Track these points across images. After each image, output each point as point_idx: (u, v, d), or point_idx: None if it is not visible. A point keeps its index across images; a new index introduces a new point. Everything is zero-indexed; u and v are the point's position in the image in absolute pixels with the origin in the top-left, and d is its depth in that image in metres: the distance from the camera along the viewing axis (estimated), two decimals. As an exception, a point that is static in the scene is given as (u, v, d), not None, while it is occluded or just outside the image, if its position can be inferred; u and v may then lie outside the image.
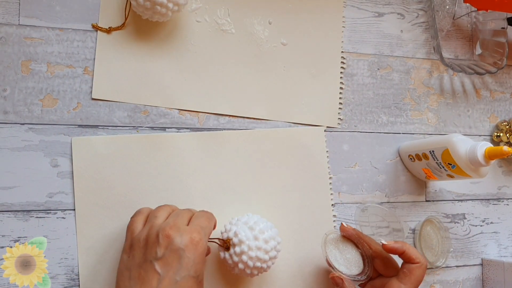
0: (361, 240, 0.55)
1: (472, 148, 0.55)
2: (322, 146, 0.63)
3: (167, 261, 0.43)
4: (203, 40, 0.60)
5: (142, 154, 0.56)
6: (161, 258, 0.43)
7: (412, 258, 0.52)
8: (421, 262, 0.52)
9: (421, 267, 0.52)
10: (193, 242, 0.44)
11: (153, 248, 0.44)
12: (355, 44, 0.66)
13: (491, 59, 0.70)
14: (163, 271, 0.43)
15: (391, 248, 0.53)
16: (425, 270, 0.52)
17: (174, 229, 0.45)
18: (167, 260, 0.43)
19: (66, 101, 0.55)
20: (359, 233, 0.55)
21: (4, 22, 0.54)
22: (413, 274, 0.51)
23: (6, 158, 0.53)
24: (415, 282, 0.51)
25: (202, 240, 0.45)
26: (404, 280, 0.52)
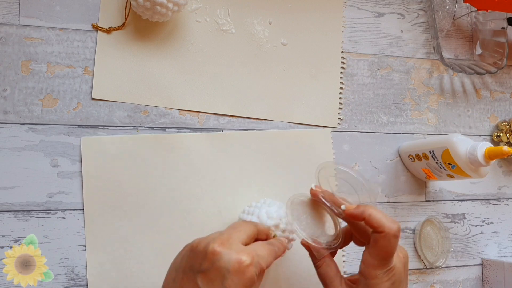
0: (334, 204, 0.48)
1: (472, 148, 0.55)
2: (328, 148, 0.63)
3: (210, 277, 0.39)
4: (203, 40, 0.60)
5: (150, 154, 0.57)
6: (205, 272, 0.40)
7: (374, 227, 0.42)
8: (385, 231, 0.42)
9: (386, 236, 0.42)
10: (241, 265, 0.39)
11: (198, 259, 0.41)
12: (355, 44, 0.66)
13: (491, 59, 0.70)
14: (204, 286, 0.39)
15: (350, 214, 0.44)
16: (393, 240, 0.42)
17: (225, 245, 0.40)
18: (209, 277, 0.40)
19: (66, 101, 0.55)
20: (331, 196, 0.48)
21: (4, 22, 0.54)
22: (378, 244, 0.42)
23: (6, 158, 0.53)
24: (382, 254, 0.42)
25: (251, 266, 0.40)
26: (370, 250, 0.43)
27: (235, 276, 0.39)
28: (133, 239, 0.55)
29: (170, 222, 0.56)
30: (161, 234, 0.56)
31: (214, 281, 0.39)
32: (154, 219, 0.56)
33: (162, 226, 0.56)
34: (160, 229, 0.56)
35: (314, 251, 0.48)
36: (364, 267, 0.43)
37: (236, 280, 0.39)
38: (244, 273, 0.39)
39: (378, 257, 0.43)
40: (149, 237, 0.56)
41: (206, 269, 0.40)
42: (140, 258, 0.55)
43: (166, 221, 0.56)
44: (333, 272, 0.47)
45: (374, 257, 0.43)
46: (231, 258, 0.39)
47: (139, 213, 0.55)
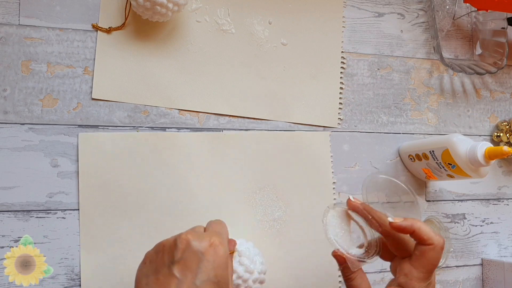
0: (369, 216, 0.48)
1: (472, 148, 0.55)
2: (326, 150, 0.63)
3: (186, 264, 0.41)
4: (203, 40, 0.60)
5: (147, 153, 0.57)
6: (179, 261, 0.41)
7: (423, 239, 0.44)
8: (434, 243, 0.44)
9: (434, 249, 0.44)
10: (213, 245, 0.42)
11: (171, 252, 0.42)
12: (355, 44, 0.66)
13: (491, 59, 0.70)
14: (182, 275, 0.41)
15: (398, 226, 0.45)
16: (440, 252, 0.44)
17: (193, 234, 0.43)
18: (185, 263, 0.41)
19: (66, 101, 0.55)
20: (367, 208, 0.49)
21: (4, 22, 0.54)
22: (425, 257, 0.44)
23: (6, 158, 0.53)
24: (428, 266, 0.44)
25: (222, 244, 0.43)
26: (415, 263, 0.45)
27: (209, 256, 0.41)
28: (130, 238, 0.55)
29: (168, 221, 0.56)
30: (159, 234, 0.56)
31: (191, 265, 0.41)
32: (152, 218, 0.56)
33: (160, 225, 0.56)
34: (158, 229, 0.56)
35: (349, 262, 0.48)
36: (407, 279, 0.45)
37: (211, 260, 0.41)
38: (217, 251, 0.42)
39: (424, 270, 0.44)
40: (146, 237, 0.56)
41: (180, 258, 0.41)
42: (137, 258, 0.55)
43: (164, 220, 0.56)
44: (366, 285, 0.48)
45: (419, 270, 0.44)
46: (202, 242, 0.42)
47: (137, 212, 0.55)
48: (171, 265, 0.41)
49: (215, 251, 0.42)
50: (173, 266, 0.41)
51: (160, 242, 0.45)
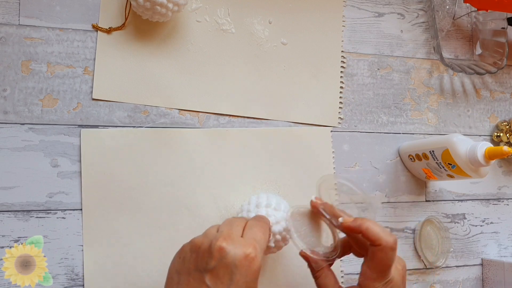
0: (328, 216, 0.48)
1: (472, 148, 0.55)
2: (328, 146, 0.63)
3: (218, 275, 0.40)
4: (203, 40, 0.60)
5: (149, 148, 0.57)
6: (212, 271, 0.40)
7: (371, 240, 0.43)
8: (382, 244, 0.42)
9: (383, 250, 0.42)
10: (248, 258, 0.40)
11: (204, 258, 0.41)
12: (355, 44, 0.66)
13: (491, 59, 0.70)
14: (213, 285, 0.40)
15: (347, 227, 0.45)
16: (390, 253, 0.43)
17: (228, 241, 0.41)
18: (218, 274, 0.40)
19: (66, 101, 0.55)
20: (330, 208, 0.48)
21: (4, 22, 0.54)
22: (375, 257, 0.43)
23: (6, 158, 0.53)
24: (379, 267, 0.43)
25: (257, 257, 0.41)
26: (369, 263, 0.44)
27: (243, 270, 0.40)
28: (131, 234, 0.55)
29: (169, 218, 0.56)
30: (160, 230, 0.56)
31: (223, 277, 0.40)
32: (153, 215, 0.56)
33: (161, 222, 0.56)
34: (159, 225, 0.56)
35: (312, 262, 0.48)
36: (363, 279, 0.44)
37: (244, 273, 0.40)
38: (251, 265, 0.40)
39: (376, 270, 0.43)
40: (147, 233, 0.56)
41: (213, 267, 0.40)
42: (139, 254, 0.55)
43: (165, 217, 0.56)
44: (331, 283, 0.48)
45: (372, 270, 0.43)
46: (237, 253, 0.40)
47: (138, 208, 0.55)
48: (204, 272, 0.41)
49: (249, 265, 0.40)
50: (205, 274, 0.40)
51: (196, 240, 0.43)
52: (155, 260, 0.55)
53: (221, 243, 0.41)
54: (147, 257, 0.55)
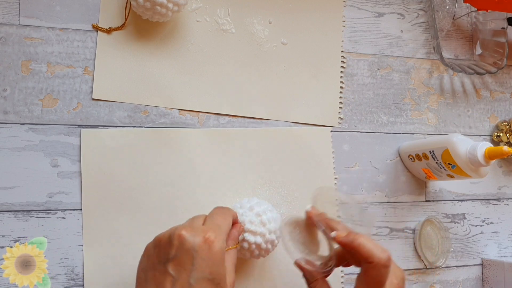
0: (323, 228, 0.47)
1: (472, 148, 0.55)
2: (328, 146, 0.63)
3: (180, 262, 0.40)
4: (203, 40, 0.60)
5: (149, 148, 0.57)
6: (173, 259, 0.41)
7: (363, 257, 0.42)
8: (374, 261, 0.41)
9: (375, 267, 0.41)
10: (207, 241, 0.41)
11: (165, 249, 0.42)
12: (355, 44, 0.66)
13: (491, 59, 0.70)
14: (176, 273, 0.40)
15: (339, 242, 0.44)
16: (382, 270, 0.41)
17: (188, 229, 0.42)
18: (179, 261, 0.40)
19: (66, 101, 0.55)
20: (325, 219, 0.47)
21: (4, 22, 0.54)
22: (367, 274, 0.42)
23: (6, 158, 0.53)
24: (370, 284, 0.42)
25: (217, 239, 0.41)
26: (361, 278, 0.43)
27: (203, 253, 0.40)
28: (131, 234, 0.55)
29: (169, 217, 0.56)
30: (160, 230, 0.55)
31: (185, 264, 0.40)
32: (153, 215, 0.56)
33: (161, 221, 0.56)
34: (159, 225, 0.56)
35: (306, 272, 0.47)
36: None
37: (206, 257, 0.40)
38: (211, 248, 0.41)
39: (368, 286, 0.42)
40: (147, 233, 0.55)
41: (174, 255, 0.41)
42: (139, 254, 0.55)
43: (165, 216, 0.56)
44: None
45: (365, 286, 0.42)
46: (196, 238, 0.41)
47: (138, 208, 0.55)
48: (166, 262, 0.41)
49: (209, 248, 0.41)
50: (167, 264, 0.41)
51: (158, 235, 0.44)
52: (155, 260, 0.55)
53: (180, 231, 0.41)
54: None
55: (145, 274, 0.43)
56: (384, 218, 0.65)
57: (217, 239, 0.41)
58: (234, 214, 0.49)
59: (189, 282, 0.40)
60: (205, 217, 0.46)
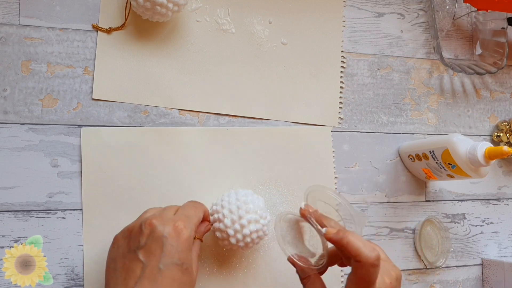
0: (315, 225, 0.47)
1: (472, 148, 0.55)
2: (328, 146, 0.63)
3: (150, 249, 0.43)
4: (203, 40, 0.60)
5: (149, 148, 0.57)
6: (144, 247, 0.43)
7: (352, 255, 0.41)
8: (362, 260, 0.40)
9: (364, 266, 0.40)
10: (176, 230, 0.44)
11: (136, 238, 0.44)
12: (355, 44, 0.66)
13: (491, 59, 0.70)
14: (146, 259, 0.42)
15: (329, 239, 0.43)
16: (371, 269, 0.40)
17: (158, 219, 0.44)
18: (150, 248, 0.43)
19: (66, 101, 0.55)
20: (319, 217, 0.47)
21: (4, 22, 0.54)
22: (356, 273, 0.41)
23: (6, 158, 0.53)
24: (359, 283, 0.41)
25: (186, 228, 0.44)
26: (351, 277, 0.42)
27: (172, 240, 0.43)
28: None
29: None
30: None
31: (155, 250, 0.42)
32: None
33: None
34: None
35: (299, 268, 0.48)
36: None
37: (175, 244, 0.43)
38: (180, 235, 0.43)
39: (357, 286, 0.41)
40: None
41: (144, 243, 0.43)
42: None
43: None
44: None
45: (354, 285, 0.42)
46: (166, 226, 0.43)
47: (138, 207, 0.55)
48: (137, 250, 0.43)
49: (178, 235, 0.43)
50: (138, 251, 0.43)
51: (127, 226, 0.46)
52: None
53: (151, 220, 0.44)
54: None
55: (114, 263, 0.45)
56: (384, 218, 0.65)
57: (186, 228, 0.44)
58: (205, 210, 0.51)
59: (159, 267, 0.42)
60: (177, 208, 0.48)
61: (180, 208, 0.48)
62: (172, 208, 0.48)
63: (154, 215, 0.45)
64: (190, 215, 0.47)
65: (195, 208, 0.48)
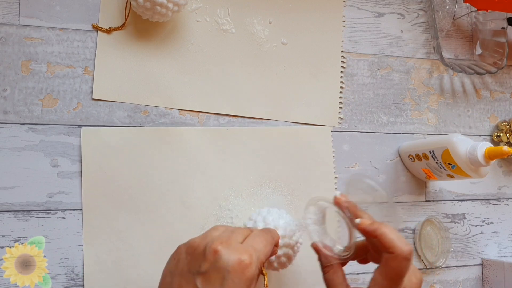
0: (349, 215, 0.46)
1: (472, 148, 0.55)
2: (328, 146, 0.63)
3: (210, 279, 0.39)
4: (203, 40, 0.60)
5: (149, 147, 0.57)
6: (204, 274, 0.39)
7: (385, 247, 0.41)
8: (396, 252, 0.41)
9: (396, 258, 0.41)
10: (241, 265, 0.39)
11: (197, 261, 0.40)
12: (355, 44, 0.66)
13: (491, 59, 0.70)
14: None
15: (363, 229, 0.43)
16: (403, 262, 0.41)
17: (224, 245, 0.40)
18: (209, 278, 0.39)
19: (66, 101, 0.55)
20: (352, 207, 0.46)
21: (4, 22, 0.54)
22: (388, 265, 0.41)
23: (6, 158, 0.53)
24: (391, 275, 0.41)
25: (251, 265, 0.39)
26: (381, 270, 0.42)
27: (235, 277, 0.39)
28: (131, 232, 0.55)
29: (169, 216, 0.56)
30: (160, 228, 0.56)
31: (215, 282, 0.39)
32: (153, 214, 0.56)
33: (161, 220, 0.56)
34: (159, 223, 0.56)
35: (322, 256, 0.47)
36: (373, 285, 0.43)
37: (236, 281, 0.39)
38: (244, 273, 0.39)
39: (387, 278, 0.41)
40: (147, 231, 0.56)
41: (205, 270, 0.39)
42: (138, 251, 0.55)
43: (165, 215, 0.56)
44: (339, 280, 0.46)
45: (384, 277, 0.42)
46: (230, 258, 0.39)
47: (138, 207, 0.55)
48: (196, 274, 0.40)
49: (242, 272, 0.39)
50: (197, 276, 0.39)
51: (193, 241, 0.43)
52: (155, 259, 0.55)
53: (217, 246, 0.40)
54: (147, 256, 0.55)
55: (171, 278, 0.42)
56: (384, 218, 0.65)
57: (252, 265, 0.40)
58: (276, 240, 0.47)
59: None
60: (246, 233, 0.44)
61: (251, 235, 0.44)
62: (242, 233, 0.44)
63: (221, 238, 0.41)
64: (259, 249, 0.42)
65: (266, 242, 0.44)
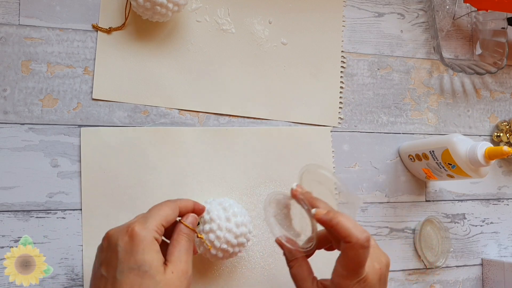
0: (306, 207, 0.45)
1: (472, 148, 0.55)
2: (328, 146, 0.63)
3: (108, 261, 0.40)
4: (203, 40, 0.60)
5: (149, 147, 0.57)
6: (104, 260, 0.40)
7: (341, 236, 0.40)
8: (352, 241, 0.40)
9: (353, 247, 0.40)
10: (130, 233, 0.39)
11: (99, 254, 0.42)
12: (355, 44, 0.66)
13: (491, 59, 0.70)
14: (107, 273, 0.39)
15: (319, 219, 0.42)
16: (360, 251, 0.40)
17: (114, 229, 0.41)
18: (108, 261, 0.40)
19: (66, 101, 0.55)
20: (310, 198, 0.46)
21: (4, 22, 0.54)
22: (346, 255, 0.41)
23: (6, 158, 0.53)
24: (350, 265, 0.41)
25: (142, 229, 0.40)
26: (340, 259, 0.41)
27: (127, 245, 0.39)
28: None
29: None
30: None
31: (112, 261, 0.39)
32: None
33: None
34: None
35: (286, 251, 0.47)
36: (335, 276, 0.42)
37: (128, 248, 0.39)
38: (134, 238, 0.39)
39: (347, 268, 0.41)
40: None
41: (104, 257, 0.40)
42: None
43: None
44: (305, 273, 0.46)
45: (343, 267, 0.41)
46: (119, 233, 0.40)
47: (138, 207, 0.55)
48: (100, 266, 0.41)
49: (132, 239, 0.39)
50: (101, 267, 0.40)
51: None
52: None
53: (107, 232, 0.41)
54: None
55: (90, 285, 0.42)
56: (384, 218, 0.65)
57: (142, 229, 0.40)
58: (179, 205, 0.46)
59: (116, 277, 0.38)
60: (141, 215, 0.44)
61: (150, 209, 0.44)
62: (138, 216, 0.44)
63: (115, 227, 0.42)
64: (150, 215, 0.42)
65: (159, 207, 0.44)
